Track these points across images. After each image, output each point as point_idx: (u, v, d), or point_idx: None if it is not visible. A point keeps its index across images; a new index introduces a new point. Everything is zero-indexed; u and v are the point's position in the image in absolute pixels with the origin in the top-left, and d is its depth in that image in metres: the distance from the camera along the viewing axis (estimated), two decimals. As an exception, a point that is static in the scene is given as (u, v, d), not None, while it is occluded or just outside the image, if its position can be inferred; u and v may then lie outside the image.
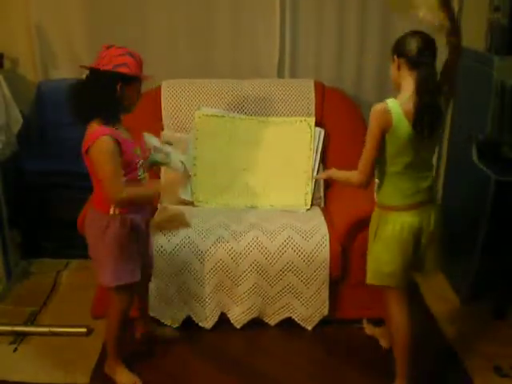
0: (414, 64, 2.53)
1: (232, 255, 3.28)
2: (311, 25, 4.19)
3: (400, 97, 2.59)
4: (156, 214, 3.47)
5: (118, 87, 2.61)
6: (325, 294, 3.37)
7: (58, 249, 4.23)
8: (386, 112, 2.53)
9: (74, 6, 4.19)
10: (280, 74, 4.29)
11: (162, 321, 3.42)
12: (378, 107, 2.56)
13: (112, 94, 2.61)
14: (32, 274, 4.07)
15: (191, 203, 3.67)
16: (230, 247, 3.28)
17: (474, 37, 4.01)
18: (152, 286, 3.31)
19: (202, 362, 3.21)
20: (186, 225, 3.37)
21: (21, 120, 3.87)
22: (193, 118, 3.84)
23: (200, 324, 3.40)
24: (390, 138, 2.56)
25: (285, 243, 3.29)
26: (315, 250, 3.30)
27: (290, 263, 3.29)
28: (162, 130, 3.85)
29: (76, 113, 2.67)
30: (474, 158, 3.61)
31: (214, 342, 3.36)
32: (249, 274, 3.30)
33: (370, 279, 2.84)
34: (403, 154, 2.59)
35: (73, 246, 4.08)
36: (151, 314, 3.37)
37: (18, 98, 3.92)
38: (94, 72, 2.62)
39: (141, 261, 2.89)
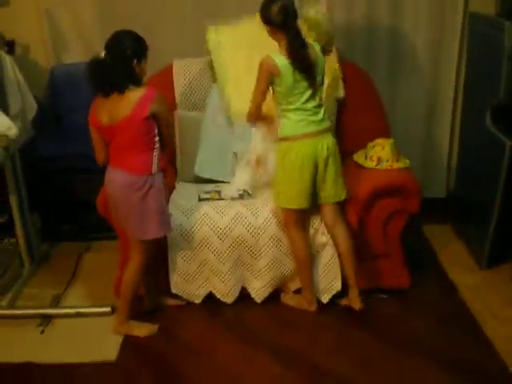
0: (282, 29, 3.04)
1: (250, 230, 3.31)
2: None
3: (281, 50, 3.07)
4: None
5: (134, 62, 2.94)
6: (335, 266, 3.40)
7: (78, 231, 4.30)
8: (273, 64, 3.03)
9: (83, -12, 4.20)
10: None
11: (184, 298, 3.48)
12: (265, 60, 3.05)
13: (132, 67, 2.94)
14: (54, 257, 4.14)
15: None
16: (248, 222, 3.31)
17: (485, 2, 4.00)
18: (173, 263, 3.37)
19: (224, 336, 3.26)
20: None
21: (36, 106, 3.89)
22: (205, 95, 3.86)
23: (221, 299, 3.44)
24: (280, 83, 3.06)
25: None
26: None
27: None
28: (176, 109, 3.86)
29: (103, 85, 2.94)
30: (489, 124, 3.61)
31: (236, 317, 3.41)
32: (268, 249, 3.33)
33: (276, 201, 3.28)
34: (294, 95, 3.08)
35: (92, 228, 4.15)
36: (173, 292, 3.44)
37: (31, 84, 3.93)
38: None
39: None
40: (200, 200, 3.44)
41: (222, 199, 3.45)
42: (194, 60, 3.93)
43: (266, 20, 3.07)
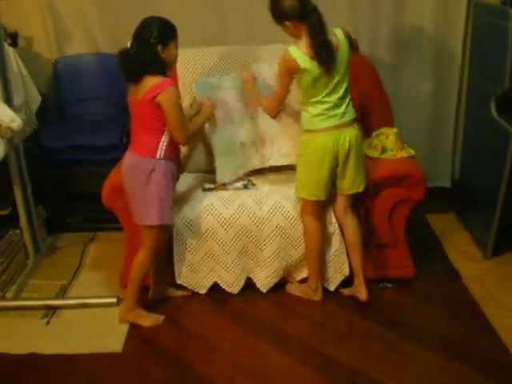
0: (303, 19, 2.91)
1: (255, 221, 3.31)
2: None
3: (300, 42, 2.96)
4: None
5: (159, 48, 2.95)
6: (344, 254, 3.40)
7: (83, 223, 4.31)
8: (291, 60, 2.94)
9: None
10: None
11: (190, 288, 3.48)
12: (285, 56, 2.97)
13: (156, 54, 2.95)
14: (59, 249, 4.14)
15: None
16: (252, 213, 3.32)
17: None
18: (178, 254, 3.37)
19: (230, 326, 3.26)
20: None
21: (39, 98, 3.89)
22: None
23: (227, 289, 3.44)
24: (302, 77, 2.98)
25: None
26: (336, 212, 3.35)
27: (313, 225, 3.33)
28: (179, 99, 3.84)
29: (129, 74, 3.01)
30: (493, 112, 3.59)
31: (242, 307, 3.41)
32: (272, 239, 3.33)
33: (297, 192, 3.26)
34: (315, 88, 3.01)
35: (97, 219, 4.16)
36: (178, 282, 3.44)
37: (34, 76, 3.93)
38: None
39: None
40: (204, 190, 3.44)
41: (226, 189, 3.45)
42: (197, 50, 3.91)
43: (283, 14, 2.94)
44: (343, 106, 3.08)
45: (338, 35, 3.01)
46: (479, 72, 4.00)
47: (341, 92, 3.06)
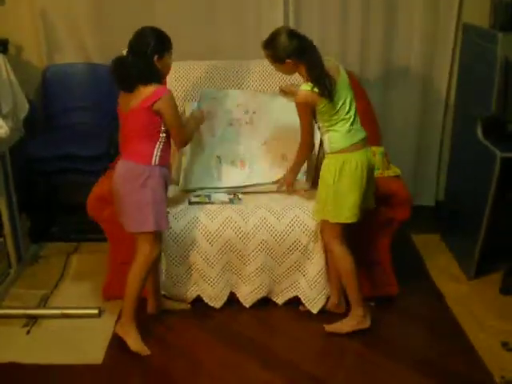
0: (303, 56, 2.94)
1: (240, 235, 3.31)
2: (315, 1, 4.21)
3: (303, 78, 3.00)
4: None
5: (155, 59, 2.98)
6: (326, 274, 3.38)
7: (67, 233, 4.28)
8: (310, 93, 2.92)
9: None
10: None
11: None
12: (301, 94, 2.96)
13: (151, 64, 2.98)
14: (42, 258, 4.11)
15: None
16: (237, 227, 3.31)
17: (478, 14, 4.02)
18: (162, 266, 3.36)
19: (212, 340, 3.25)
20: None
21: (27, 106, 3.87)
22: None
23: (210, 303, 3.44)
24: (322, 106, 2.95)
25: (292, 222, 3.31)
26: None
27: (298, 242, 3.31)
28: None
29: (122, 82, 3.01)
30: (479, 135, 3.62)
31: (224, 321, 3.39)
32: (257, 254, 3.33)
33: (334, 218, 3.10)
34: (336, 108, 2.97)
35: (82, 229, 4.14)
36: (163, 293, 3.43)
37: (23, 84, 3.91)
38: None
39: None
40: (190, 203, 3.44)
41: (212, 203, 3.44)
42: (187, 63, 3.93)
43: (284, 55, 2.95)
44: (359, 124, 3.10)
45: (331, 62, 3.04)
46: (466, 94, 4.02)
47: (352, 112, 3.04)
